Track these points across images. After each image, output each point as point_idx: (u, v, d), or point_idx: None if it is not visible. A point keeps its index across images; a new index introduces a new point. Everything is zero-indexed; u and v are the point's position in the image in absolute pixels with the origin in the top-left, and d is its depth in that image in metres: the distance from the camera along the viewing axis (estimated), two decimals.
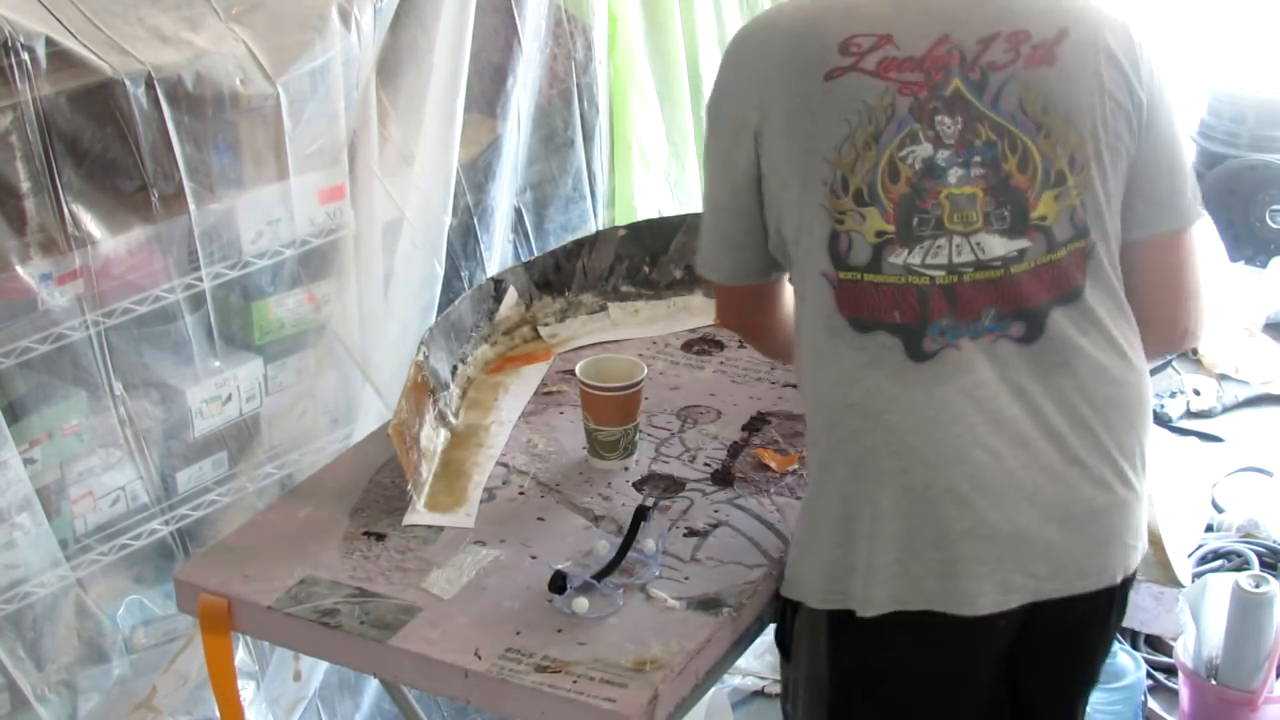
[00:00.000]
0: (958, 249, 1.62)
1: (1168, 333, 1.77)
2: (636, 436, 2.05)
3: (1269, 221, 4.46)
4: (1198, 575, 2.92)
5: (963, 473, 1.60)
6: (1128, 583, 1.75)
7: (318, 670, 2.42)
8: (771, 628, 1.83)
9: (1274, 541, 3.10)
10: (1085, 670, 1.84)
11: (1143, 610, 2.93)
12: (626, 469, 2.02)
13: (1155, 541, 2.96)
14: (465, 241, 2.69)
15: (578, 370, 2.05)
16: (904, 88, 1.61)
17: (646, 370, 2.06)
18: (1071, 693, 1.86)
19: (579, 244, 2.47)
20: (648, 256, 2.49)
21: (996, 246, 1.62)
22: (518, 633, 1.68)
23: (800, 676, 1.77)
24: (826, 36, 1.63)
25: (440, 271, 2.53)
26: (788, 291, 1.82)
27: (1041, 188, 1.63)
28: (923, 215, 1.61)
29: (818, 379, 1.68)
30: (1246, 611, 2.59)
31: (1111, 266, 1.69)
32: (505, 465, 2.04)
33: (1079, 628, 1.77)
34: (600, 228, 2.95)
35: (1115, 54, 1.66)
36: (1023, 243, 1.63)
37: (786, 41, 1.65)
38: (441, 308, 2.51)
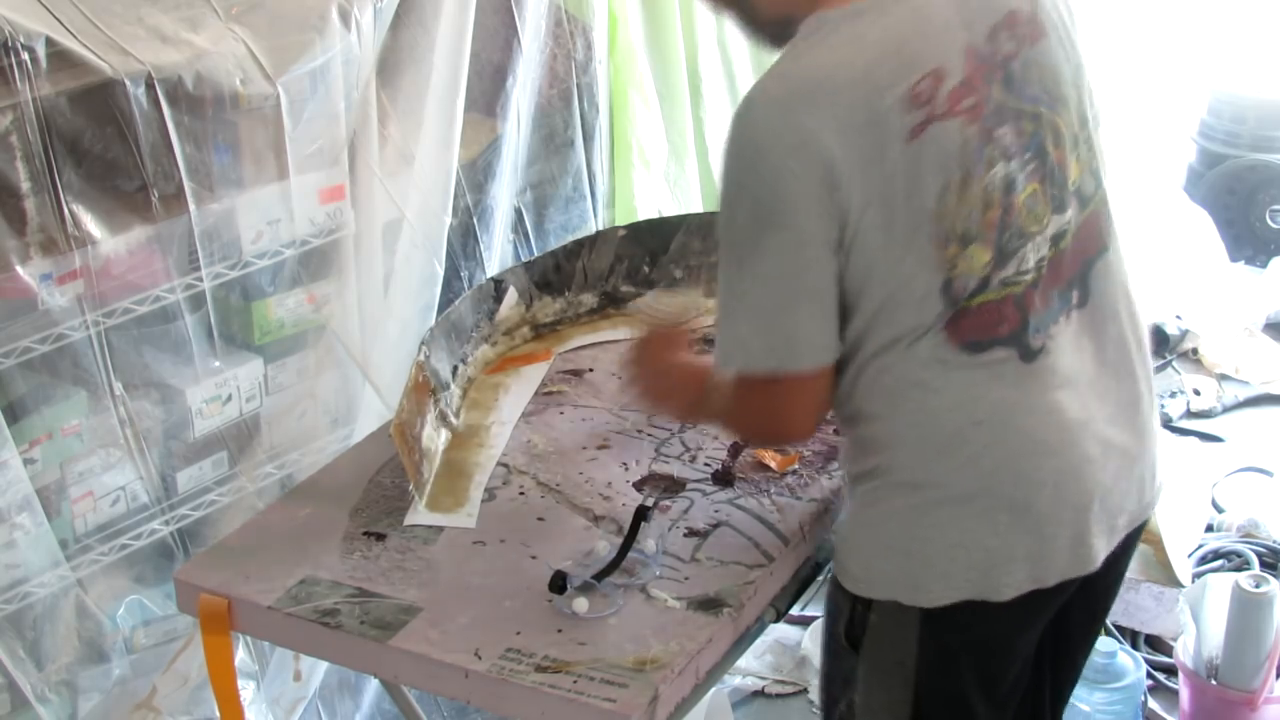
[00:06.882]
0: (1037, 248, 1.64)
1: None
2: None
3: (1269, 221, 4.46)
4: (1198, 575, 2.92)
5: (1082, 453, 1.67)
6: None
7: (318, 670, 2.42)
8: (772, 627, 1.82)
9: (1274, 541, 3.10)
10: (1108, 607, 1.92)
11: (1143, 610, 2.93)
12: None
13: (1155, 541, 2.96)
14: (465, 241, 2.69)
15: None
16: (968, 117, 1.59)
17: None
18: (1095, 630, 1.95)
19: (579, 244, 2.46)
20: (648, 256, 2.48)
21: (1053, 226, 1.66)
22: (518, 633, 1.68)
23: (871, 666, 1.76)
24: (894, 92, 1.56)
25: (440, 271, 2.53)
26: None
27: (1070, 155, 1.67)
28: (1011, 230, 1.62)
29: (925, 408, 1.64)
30: (1246, 611, 2.59)
31: (1115, 213, 1.75)
32: (506, 465, 2.03)
33: (1125, 561, 1.84)
34: (600, 228, 2.95)
35: (1060, 6, 1.70)
36: (1068, 214, 1.67)
37: (852, 109, 1.55)
38: (441, 308, 2.51)
